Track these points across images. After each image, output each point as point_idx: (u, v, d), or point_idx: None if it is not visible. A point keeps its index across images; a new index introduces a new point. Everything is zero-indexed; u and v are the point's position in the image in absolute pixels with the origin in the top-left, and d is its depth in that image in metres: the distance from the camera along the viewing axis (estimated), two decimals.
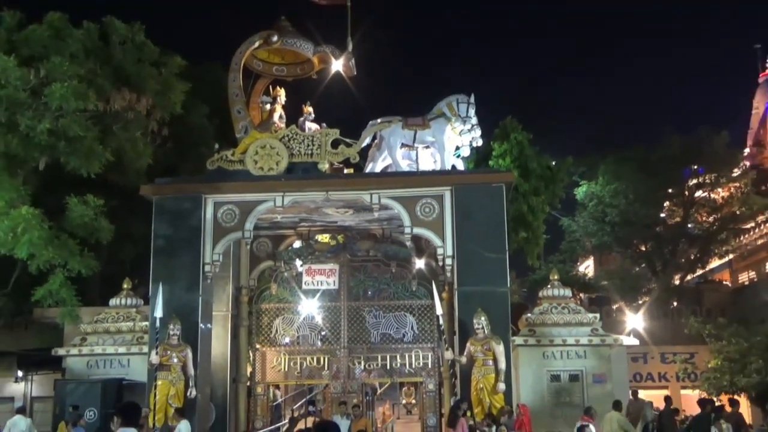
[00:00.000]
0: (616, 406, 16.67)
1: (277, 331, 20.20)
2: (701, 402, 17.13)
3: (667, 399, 18.68)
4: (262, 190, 17.42)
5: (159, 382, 15.86)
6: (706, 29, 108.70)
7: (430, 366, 19.66)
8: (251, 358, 19.96)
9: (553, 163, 30.13)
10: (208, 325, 17.65)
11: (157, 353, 15.86)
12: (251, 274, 20.17)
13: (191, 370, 16.15)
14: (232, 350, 19.17)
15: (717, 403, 17.23)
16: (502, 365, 15.45)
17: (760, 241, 40.16)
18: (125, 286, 19.38)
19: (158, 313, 15.67)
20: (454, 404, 14.48)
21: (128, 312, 18.89)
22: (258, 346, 20.07)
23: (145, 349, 17.28)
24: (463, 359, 15.72)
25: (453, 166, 17.81)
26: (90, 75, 19.55)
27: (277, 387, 22.09)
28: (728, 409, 16.63)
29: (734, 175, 36.08)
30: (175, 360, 16.03)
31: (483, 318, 15.64)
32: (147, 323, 17.59)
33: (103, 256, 22.60)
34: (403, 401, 32.86)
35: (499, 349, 15.50)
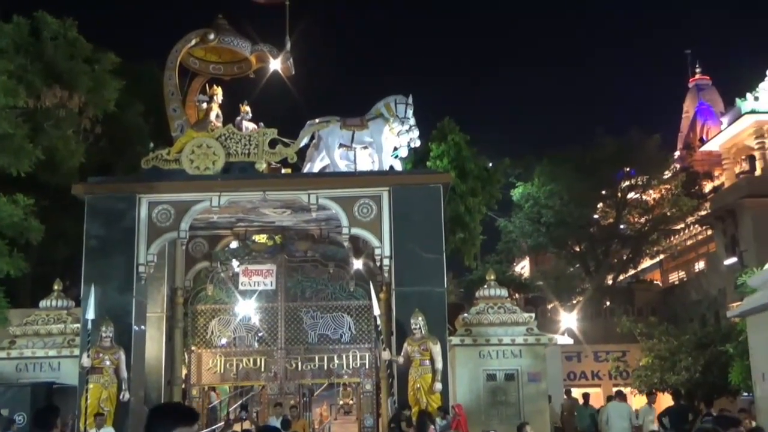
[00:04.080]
0: (621, 395, 18.47)
1: (212, 332, 19.97)
2: (676, 393, 18.06)
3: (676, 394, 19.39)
4: (198, 190, 17.19)
5: (90, 386, 15.48)
6: (640, 34, 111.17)
7: (367, 366, 19.67)
8: (186, 360, 19.71)
9: (490, 164, 30.53)
10: (142, 327, 17.36)
11: (88, 356, 15.49)
12: (187, 274, 19.90)
13: (124, 373, 15.83)
14: (167, 352, 18.89)
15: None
16: (439, 365, 15.54)
17: (689, 242, 41.28)
18: (56, 287, 18.84)
19: (90, 314, 15.34)
20: (420, 414, 14.43)
21: (59, 314, 18.38)
22: (193, 347, 19.82)
23: (77, 351, 16.86)
24: (401, 359, 15.75)
25: (391, 167, 17.84)
26: (20, 71, 19.03)
27: (213, 389, 21.86)
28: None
29: (665, 177, 37.02)
30: (108, 363, 15.69)
31: (420, 318, 15.69)
32: (78, 325, 17.20)
33: (33, 256, 22.05)
34: (341, 402, 32.88)
35: (436, 349, 15.58)
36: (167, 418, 4.09)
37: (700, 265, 39.81)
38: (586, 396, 20.75)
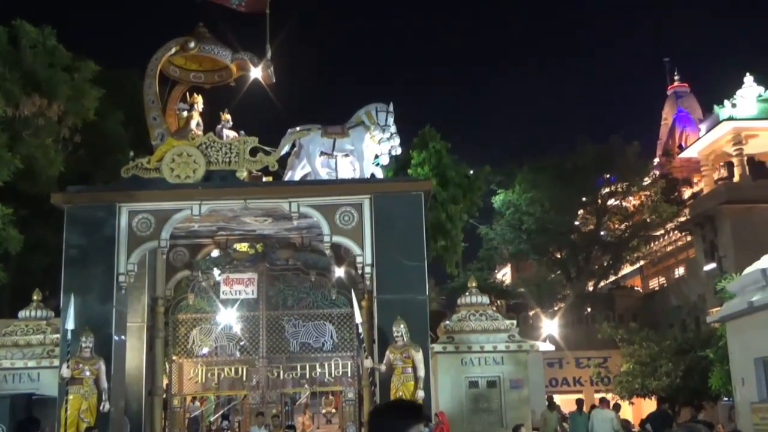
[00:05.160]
0: (605, 402, 18.53)
1: (194, 341, 19.86)
2: (660, 399, 18.24)
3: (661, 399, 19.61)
4: (179, 199, 17.10)
5: (70, 397, 15.36)
6: (619, 43, 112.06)
7: (349, 375, 19.62)
8: (167, 370, 19.57)
9: (471, 171, 30.57)
10: (123, 337, 17.23)
11: (68, 366, 15.37)
12: (168, 284, 19.77)
13: (104, 384, 15.69)
14: (148, 362, 18.75)
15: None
16: (421, 373, 15.52)
17: (669, 248, 41.57)
18: (35, 297, 18.67)
19: (69, 325, 15.22)
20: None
21: (38, 324, 18.20)
22: (174, 357, 19.68)
23: (56, 362, 16.70)
24: (383, 367, 15.73)
25: (372, 175, 17.84)
26: None
27: (194, 399, 21.73)
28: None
29: (645, 183, 37.27)
30: (88, 373, 15.56)
31: (402, 326, 15.68)
32: (58, 336, 17.04)
33: (12, 266, 21.87)
34: (323, 410, 32.76)
35: (418, 356, 15.56)
36: (400, 417, 3.69)
37: (679, 271, 40.07)
38: (579, 402, 20.47)
